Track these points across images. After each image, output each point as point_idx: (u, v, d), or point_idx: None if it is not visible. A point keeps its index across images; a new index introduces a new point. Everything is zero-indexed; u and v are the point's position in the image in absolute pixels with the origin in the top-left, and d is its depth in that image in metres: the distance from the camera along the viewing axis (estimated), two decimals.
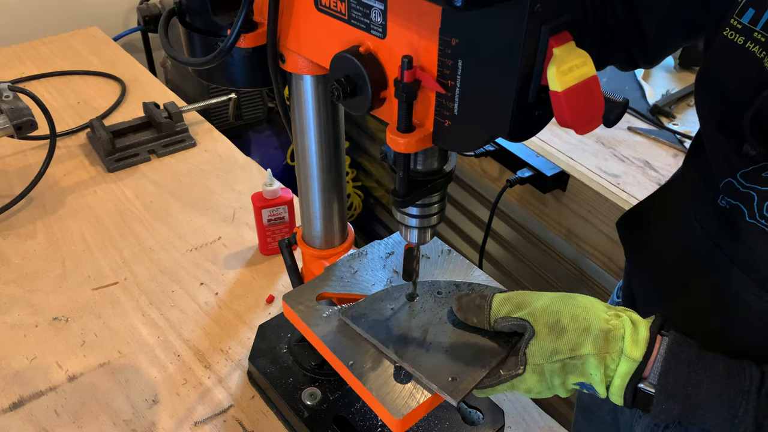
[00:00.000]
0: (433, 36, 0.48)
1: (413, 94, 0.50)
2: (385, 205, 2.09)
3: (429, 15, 0.48)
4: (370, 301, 0.72)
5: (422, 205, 0.63)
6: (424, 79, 0.50)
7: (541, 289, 1.46)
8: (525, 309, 0.63)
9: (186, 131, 1.38)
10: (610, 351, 0.59)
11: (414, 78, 0.50)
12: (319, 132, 0.71)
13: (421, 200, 0.62)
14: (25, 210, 1.19)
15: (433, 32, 0.48)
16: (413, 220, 0.64)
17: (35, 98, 1.13)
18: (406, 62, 0.49)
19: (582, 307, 0.61)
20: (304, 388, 0.84)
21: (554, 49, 0.44)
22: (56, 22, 1.91)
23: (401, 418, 0.61)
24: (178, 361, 0.93)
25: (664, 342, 0.60)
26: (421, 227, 0.65)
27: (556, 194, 1.28)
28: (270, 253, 1.11)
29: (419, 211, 0.63)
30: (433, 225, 0.65)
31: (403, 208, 0.63)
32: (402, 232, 0.67)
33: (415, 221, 0.64)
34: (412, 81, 0.50)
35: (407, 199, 0.59)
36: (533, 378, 0.61)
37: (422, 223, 0.65)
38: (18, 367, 0.92)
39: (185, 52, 0.69)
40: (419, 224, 0.65)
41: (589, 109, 0.47)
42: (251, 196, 1.07)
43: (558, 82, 0.45)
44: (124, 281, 1.06)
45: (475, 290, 0.72)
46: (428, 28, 0.48)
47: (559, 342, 0.60)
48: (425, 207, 0.63)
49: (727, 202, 0.64)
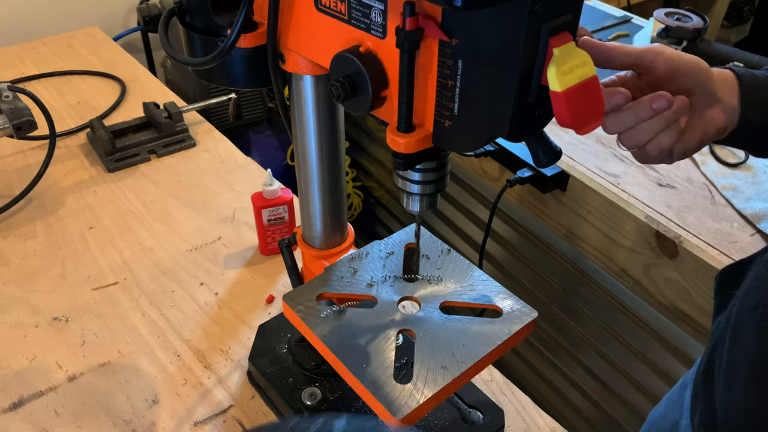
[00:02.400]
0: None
1: (415, 44, 0.48)
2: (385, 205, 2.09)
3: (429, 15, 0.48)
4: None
5: (424, 170, 0.62)
6: (427, 26, 0.47)
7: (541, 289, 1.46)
8: None
9: (186, 131, 1.38)
10: None
11: (416, 25, 0.47)
12: (319, 132, 0.71)
13: (423, 165, 0.60)
14: (25, 210, 1.19)
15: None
16: (414, 186, 0.63)
17: (35, 98, 1.13)
18: (408, 8, 0.47)
19: None
20: (304, 388, 0.84)
21: (554, 49, 0.44)
22: (56, 22, 1.90)
23: (401, 418, 0.61)
24: (178, 361, 0.93)
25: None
26: (423, 194, 0.63)
27: (556, 194, 1.28)
28: (270, 253, 1.11)
29: (421, 177, 0.62)
30: (433, 193, 0.64)
31: (404, 170, 0.62)
32: (402, 200, 0.65)
33: (417, 187, 0.63)
34: (414, 29, 0.47)
35: (408, 160, 0.56)
36: None
37: (424, 190, 0.63)
38: (18, 367, 0.92)
39: (185, 52, 0.69)
40: (421, 191, 0.63)
41: (590, 109, 0.47)
42: (251, 196, 1.06)
43: (558, 83, 0.45)
44: (124, 281, 1.06)
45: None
46: (428, 28, 0.48)
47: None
48: (427, 172, 0.62)
49: None
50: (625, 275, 1.19)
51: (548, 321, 1.46)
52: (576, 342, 1.41)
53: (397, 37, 0.49)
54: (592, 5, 1.89)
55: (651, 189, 1.18)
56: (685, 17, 1.52)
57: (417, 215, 0.67)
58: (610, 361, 1.35)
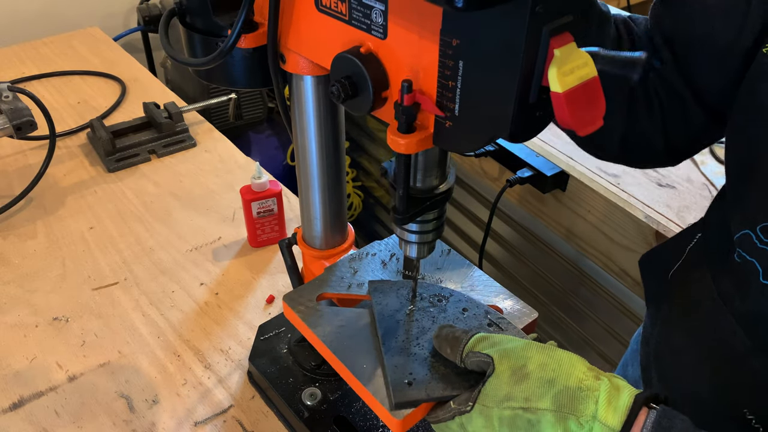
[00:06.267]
0: (434, 36, 0.48)
1: (413, 116, 0.51)
2: (385, 206, 2.09)
3: (430, 15, 0.48)
4: (394, 286, 0.73)
5: (422, 221, 0.64)
6: (423, 102, 0.51)
7: (541, 289, 1.46)
8: (497, 347, 0.57)
9: (186, 131, 1.38)
10: (577, 412, 0.51)
11: (413, 101, 0.51)
12: (319, 132, 0.71)
13: (420, 217, 0.63)
14: (25, 210, 1.19)
15: (434, 33, 0.48)
16: (412, 236, 0.65)
17: (35, 98, 1.13)
18: (405, 86, 0.50)
19: (557, 358, 0.55)
20: (304, 388, 0.84)
21: (555, 50, 0.44)
22: (56, 22, 1.90)
23: (401, 418, 0.61)
24: (178, 361, 0.93)
25: (652, 415, 0.50)
26: (421, 242, 0.66)
27: (556, 194, 1.28)
28: (260, 245, 1.12)
29: (418, 227, 0.64)
30: (431, 241, 0.66)
31: (403, 225, 0.64)
32: (401, 246, 0.68)
33: (415, 237, 0.65)
34: (411, 104, 0.51)
35: (407, 216, 0.59)
36: (479, 420, 0.55)
37: (421, 239, 0.65)
38: (18, 367, 0.92)
39: (185, 52, 0.69)
40: (419, 239, 0.65)
41: (590, 109, 0.47)
42: (240, 189, 1.07)
43: (559, 84, 0.45)
44: (124, 281, 1.06)
45: (473, 322, 0.69)
46: (429, 29, 0.48)
47: (515, 387, 0.53)
48: (424, 223, 0.64)
49: (742, 258, 0.58)
50: (625, 275, 1.19)
51: (548, 321, 1.46)
52: (576, 342, 1.41)
53: (395, 111, 0.52)
54: None
55: (651, 189, 1.18)
56: None
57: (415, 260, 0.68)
58: (610, 361, 1.35)
